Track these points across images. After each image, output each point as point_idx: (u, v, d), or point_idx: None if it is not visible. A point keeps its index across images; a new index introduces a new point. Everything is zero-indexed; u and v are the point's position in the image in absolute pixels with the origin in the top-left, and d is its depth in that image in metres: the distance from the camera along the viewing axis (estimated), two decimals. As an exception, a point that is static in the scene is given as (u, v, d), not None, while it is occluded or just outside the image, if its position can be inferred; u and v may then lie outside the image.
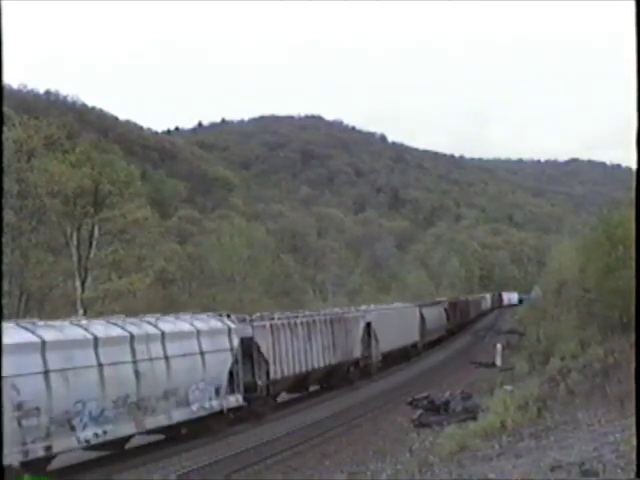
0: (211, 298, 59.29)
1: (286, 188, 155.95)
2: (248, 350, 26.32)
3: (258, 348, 26.99)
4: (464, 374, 38.70)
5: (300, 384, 31.91)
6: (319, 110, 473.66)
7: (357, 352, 36.68)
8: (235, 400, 24.65)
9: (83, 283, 42.61)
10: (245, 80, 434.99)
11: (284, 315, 30.95)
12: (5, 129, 39.85)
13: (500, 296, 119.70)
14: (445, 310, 62.87)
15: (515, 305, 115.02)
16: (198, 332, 23.22)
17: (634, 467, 8.48)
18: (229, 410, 24.34)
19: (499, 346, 42.77)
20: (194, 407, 22.35)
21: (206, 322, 24.48)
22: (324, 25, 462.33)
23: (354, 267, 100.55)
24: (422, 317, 51.52)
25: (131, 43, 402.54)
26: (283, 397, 31.20)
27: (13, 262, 38.71)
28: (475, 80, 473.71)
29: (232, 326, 25.26)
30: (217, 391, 23.68)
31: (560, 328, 35.17)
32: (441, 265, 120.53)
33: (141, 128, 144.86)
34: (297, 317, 31.28)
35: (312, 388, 34.28)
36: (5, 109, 45.12)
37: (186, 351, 22.28)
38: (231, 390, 24.47)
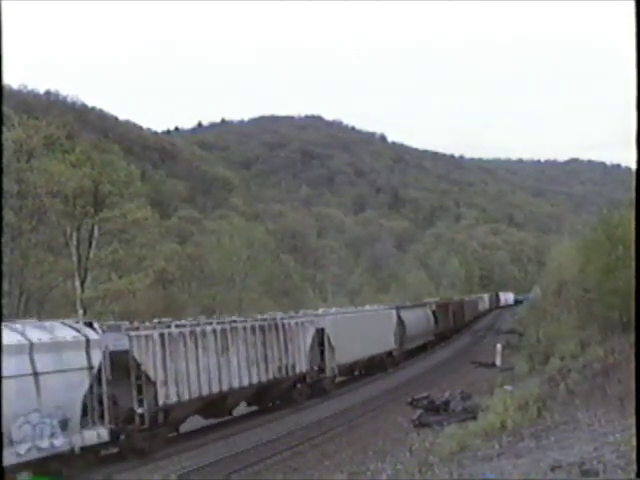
0: (211, 298, 59.34)
1: (286, 188, 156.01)
2: (124, 368, 20.47)
3: (138, 365, 20.96)
4: (464, 374, 38.68)
5: (215, 408, 25.36)
6: (319, 110, 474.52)
7: (303, 365, 30.35)
8: (95, 435, 18.81)
9: (83, 283, 42.59)
10: (245, 80, 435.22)
11: (188, 321, 25.03)
12: (5, 129, 39.85)
13: (498, 296, 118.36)
14: (433, 313, 57.20)
15: (511, 306, 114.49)
16: (31, 346, 17.40)
17: (634, 467, 8.49)
18: (90, 449, 18.72)
19: (499, 346, 42.74)
20: (21, 448, 16.71)
21: (48, 332, 18.49)
22: (324, 25, 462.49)
23: (354, 267, 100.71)
24: (401, 321, 45.84)
25: (131, 43, 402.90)
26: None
27: (13, 262, 38.70)
28: (475, 80, 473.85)
29: (92, 337, 19.29)
30: (64, 425, 17.89)
31: (560, 328, 35.15)
32: (441, 265, 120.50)
33: (141, 128, 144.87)
34: (206, 324, 24.88)
35: (244, 410, 28.63)
36: (5, 109, 45.19)
37: (11, 373, 16.08)
38: (90, 422, 18.73)
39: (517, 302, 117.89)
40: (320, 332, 32.64)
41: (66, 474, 17.96)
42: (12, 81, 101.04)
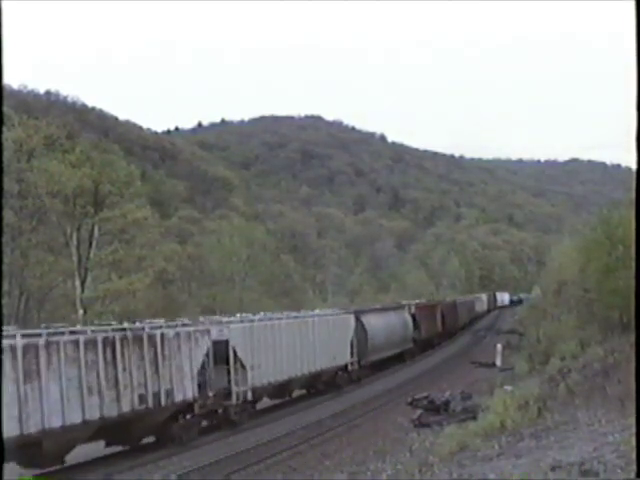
0: (211, 298, 59.34)
1: (286, 188, 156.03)
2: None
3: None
4: (464, 374, 38.68)
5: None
6: (319, 110, 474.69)
7: (187, 391, 22.84)
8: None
9: (83, 283, 42.59)
10: (245, 80, 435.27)
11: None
12: (5, 129, 39.84)
13: (496, 297, 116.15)
14: (413, 316, 49.40)
15: (507, 306, 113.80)
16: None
17: (634, 467, 8.48)
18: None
19: (499, 346, 42.73)
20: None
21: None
22: (324, 25, 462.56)
23: (354, 267, 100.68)
24: (362, 328, 38.59)
25: (131, 43, 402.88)
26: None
27: (13, 262, 38.69)
28: (475, 80, 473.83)
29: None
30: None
31: (560, 328, 35.13)
32: (441, 265, 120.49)
33: (141, 128, 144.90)
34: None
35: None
36: (5, 109, 45.13)
37: None
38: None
39: (512, 302, 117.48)
40: (222, 345, 25.14)
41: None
42: (12, 81, 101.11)
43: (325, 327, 33.97)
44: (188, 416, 23.13)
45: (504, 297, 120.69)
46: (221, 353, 25.11)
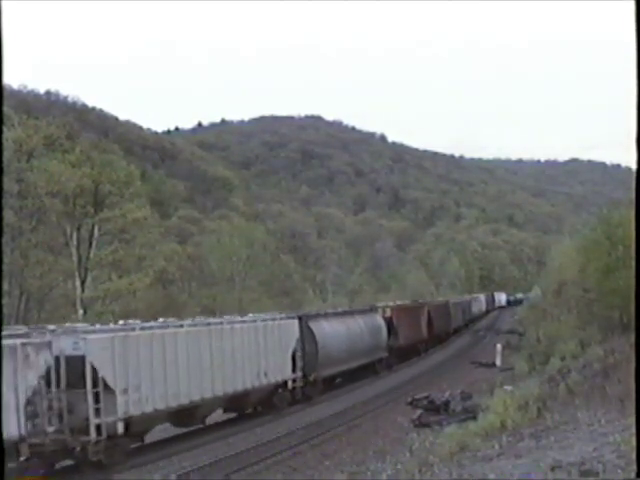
0: (211, 298, 59.34)
1: (286, 188, 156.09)
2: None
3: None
4: (464, 374, 38.68)
5: None
6: (319, 110, 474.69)
7: (12, 429, 16.48)
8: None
9: (83, 283, 42.62)
10: (245, 80, 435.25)
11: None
12: (5, 129, 39.87)
13: (494, 297, 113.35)
14: (388, 321, 42.85)
15: (504, 307, 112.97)
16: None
17: (634, 467, 8.48)
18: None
19: (499, 346, 42.74)
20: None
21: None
22: (324, 25, 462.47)
23: (354, 267, 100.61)
24: (311, 336, 32.05)
25: (131, 43, 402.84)
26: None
27: (13, 262, 38.70)
28: (475, 80, 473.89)
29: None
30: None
31: (560, 328, 35.15)
32: (441, 265, 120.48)
33: (141, 128, 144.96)
34: None
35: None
36: (5, 109, 45.15)
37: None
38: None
39: (510, 303, 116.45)
40: (77, 363, 18.92)
41: None
42: (12, 81, 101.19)
43: (252, 336, 27.07)
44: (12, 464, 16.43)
45: (501, 297, 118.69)
46: (77, 373, 18.88)
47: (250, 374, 26.44)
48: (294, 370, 30.07)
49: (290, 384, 29.59)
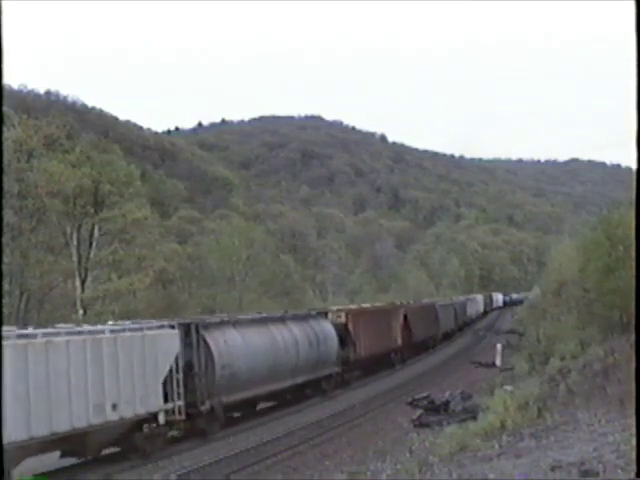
0: (211, 298, 59.33)
1: (286, 188, 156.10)
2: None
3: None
4: (464, 374, 38.68)
5: None
6: (319, 110, 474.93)
7: None
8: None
9: (83, 283, 42.60)
10: (245, 80, 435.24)
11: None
12: (5, 129, 39.84)
13: (492, 297, 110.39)
14: (343, 328, 35.87)
15: (501, 308, 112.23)
16: None
17: (634, 467, 8.49)
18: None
19: (499, 346, 42.76)
20: None
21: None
22: (324, 25, 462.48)
23: (354, 267, 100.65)
24: (206, 352, 24.27)
25: (131, 43, 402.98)
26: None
27: (13, 262, 38.68)
28: (475, 80, 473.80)
29: None
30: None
31: (560, 328, 35.15)
32: (441, 265, 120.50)
33: (141, 128, 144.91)
34: None
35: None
36: (5, 109, 45.16)
37: None
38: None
39: (506, 304, 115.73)
40: None
41: None
42: (12, 81, 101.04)
43: (91, 354, 18.98)
44: None
45: (498, 298, 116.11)
46: None
47: (85, 407, 18.55)
48: (173, 398, 22.17)
49: (162, 418, 21.54)
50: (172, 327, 22.88)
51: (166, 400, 21.84)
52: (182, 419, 22.56)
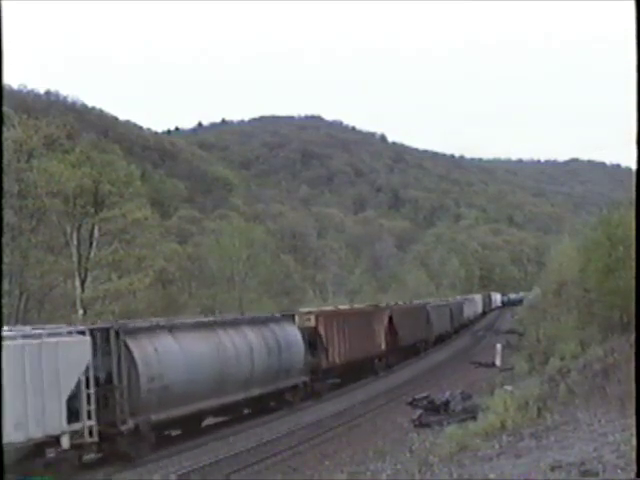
0: (211, 298, 59.36)
1: (286, 188, 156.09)
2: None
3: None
4: (464, 374, 38.65)
5: None
6: (319, 110, 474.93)
7: None
8: None
9: (83, 283, 42.59)
10: (245, 80, 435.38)
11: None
12: (5, 129, 39.83)
13: (491, 298, 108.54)
14: (309, 332, 32.12)
15: (500, 308, 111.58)
16: None
17: (634, 467, 8.49)
18: None
19: (499, 346, 42.72)
20: None
21: None
22: (324, 25, 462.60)
23: (354, 267, 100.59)
24: (129, 362, 20.96)
25: (131, 43, 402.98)
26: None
27: (13, 262, 38.68)
28: (475, 80, 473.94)
29: None
30: None
31: (560, 328, 35.14)
32: (441, 265, 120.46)
33: (141, 128, 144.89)
34: None
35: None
36: (5, 109, 45.15)
37: None
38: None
39: (504, 304, 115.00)
40: None
41: None
42: (12, 81, 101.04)
43: None
44: None
45: (496, 298, 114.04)
46: None
47: None
48: (74, 418, 18.39)
49: (66, 442, 17.97)
50: (82, 333, 19.39)
51: (75, 420, 18.28)
52: (94, 441, 18.91)
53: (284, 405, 29.22)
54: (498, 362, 40.09)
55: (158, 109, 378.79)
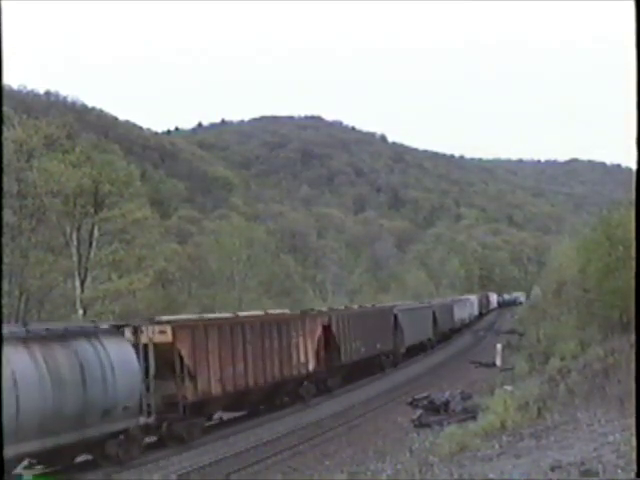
0: (211, 298, 59.34)
1: (286, 188, 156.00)
2: None
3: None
4: (464, 374, 38.63)
5: None
6: (319, 110, 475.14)
7: None
8: None
9: (83, 283, 42.57)
10: (245, 80, 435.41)
11: None
12: (5, 129, 39.82)
13: (488, 298, 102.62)
14: (164, 352, 21.68)
15: (496, 309, 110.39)
16: None
17: (634, 467, 8.48)
18: None
19: (499, 346, 42.72)
20: None
21: None
22: (324, 25, 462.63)
23: (354, 267, 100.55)
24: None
25: (131, 43, 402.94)
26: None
27: (13, 262, 38.66)
28: (475, 80, 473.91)
29: None
30: None
31: (560, 328, 35.18)
32: (441, 265, 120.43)
33: (141, 128, 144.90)
34: None
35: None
36: (5, 109, 45.13)
37: None
38: None
39: (500, 306, 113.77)
40: None
41: None
42: (12, 81, 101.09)
43: None
44: None
45: (492, 299, 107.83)
46: None
47: None
48: None
49: None
50: None
51: None
52: None
53: (106, 460, 19.49)
54: (498, 362, 40.09)
55: (158, 109, 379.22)
